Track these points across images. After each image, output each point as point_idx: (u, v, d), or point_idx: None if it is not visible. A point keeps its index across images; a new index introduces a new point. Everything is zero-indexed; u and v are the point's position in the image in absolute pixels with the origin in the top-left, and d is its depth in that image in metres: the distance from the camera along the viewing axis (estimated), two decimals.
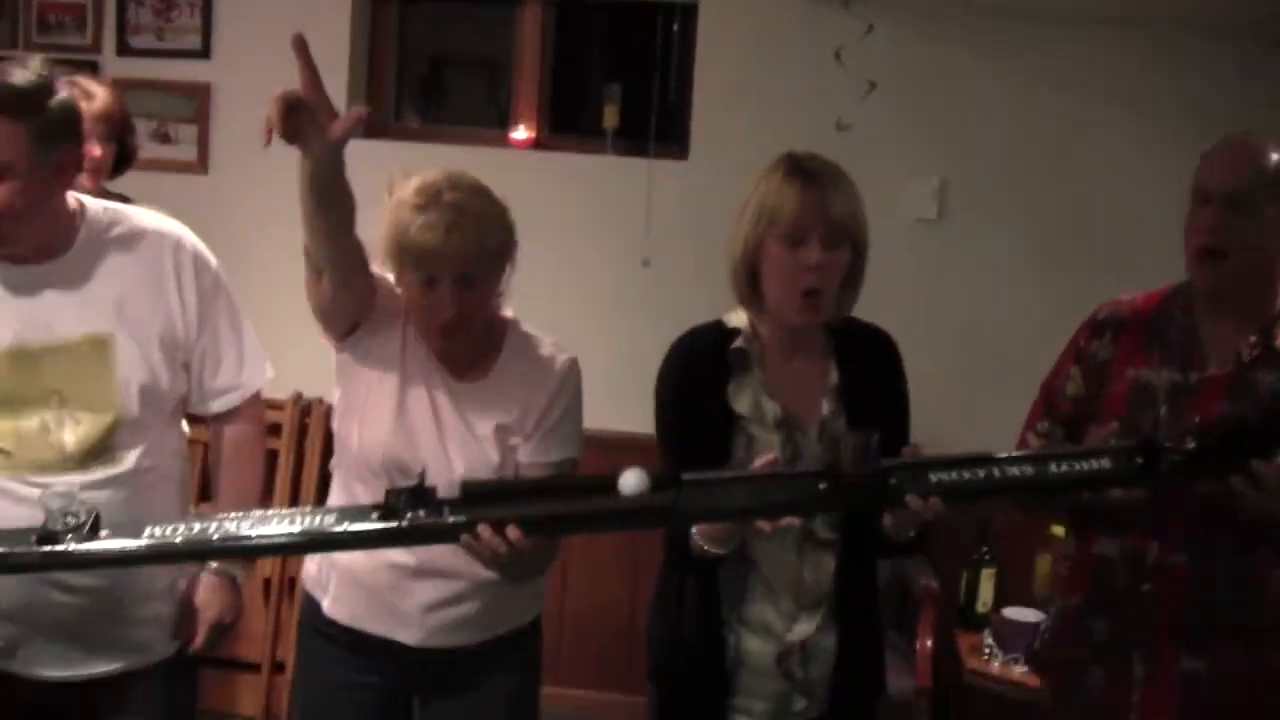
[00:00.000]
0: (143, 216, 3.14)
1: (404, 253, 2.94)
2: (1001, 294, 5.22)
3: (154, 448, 3.08)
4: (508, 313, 3.18)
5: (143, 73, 5.60)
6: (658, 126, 5.35)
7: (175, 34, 5.59)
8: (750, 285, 3.01)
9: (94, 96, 4.11)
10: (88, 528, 2.55)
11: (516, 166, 5.44)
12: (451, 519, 2.54)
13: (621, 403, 5.11)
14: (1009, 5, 4.81)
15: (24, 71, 2.86)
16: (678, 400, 3.05)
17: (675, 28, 5.39)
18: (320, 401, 5.51)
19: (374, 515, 2.54)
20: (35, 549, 2.55)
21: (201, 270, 3.16)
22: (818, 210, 2.91)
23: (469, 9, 5.90)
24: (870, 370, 3.07)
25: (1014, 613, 4.70)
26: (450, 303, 2.93)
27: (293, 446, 5.54)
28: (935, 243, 5.21)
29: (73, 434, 2.97)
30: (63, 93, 2.90)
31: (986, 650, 4.74)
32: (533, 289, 4.88)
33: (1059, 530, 4.68)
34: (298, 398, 5.56)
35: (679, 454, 2.94)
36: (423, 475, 2.60)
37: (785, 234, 2.93)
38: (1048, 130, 5.19)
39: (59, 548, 2.54)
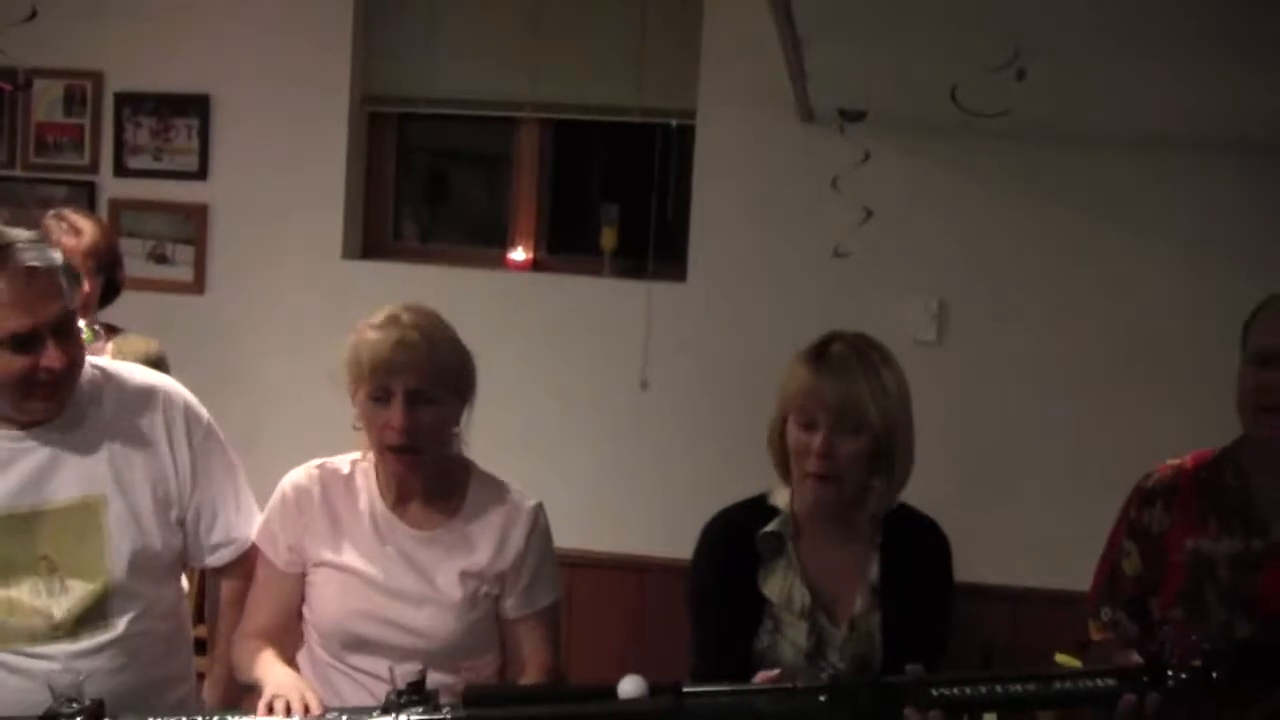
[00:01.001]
0: (133, 372, 3.15)
1: (359, 367, 3.04)
2: (1003, 416, 5.24)
3: (147, 610, 3.05)
4: (472, 458, 3.24)
5: (140, 193, 5.66)
6: (656, 248, 5.37)
7: (172, 155, 5.64)
8: (784, 462, 3.03)
9: (82, 232, 4.20)
10: (90, 715, 2.57)
11: (514, 288, 5.54)
12: (449, 718, 2.56)
13: (619, 525, 5.33)
14: (1004, 130, 4.84)
15: (27, 232, 2.93)
16: (708, 587, 3.05)
17: (673, 149, 5.42)
18: None
19: (374, 714, 2.57)
20: None
21: (193, 424, 3.15)
22: (819, 396, 2.94)
23: (468, 126, 5.91)
24: (914, 564, 3.07)
25: None
26: (401, 416, 3.00)
27: None
28: (935, 366, 5.24)
29: (62, 601, 2.94)
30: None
31: None
32: (531, 411, 5.19)
33: (1064, 658, 4.65)
34: None
35: (705, 639, 3.00)
36: (423, 674, 2.61)
37: (798, 417, 2.96)
38: (1046, 252, 5.22)
39: None
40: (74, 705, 2.54)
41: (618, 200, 5.52)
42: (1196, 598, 2.96)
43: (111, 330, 4.34)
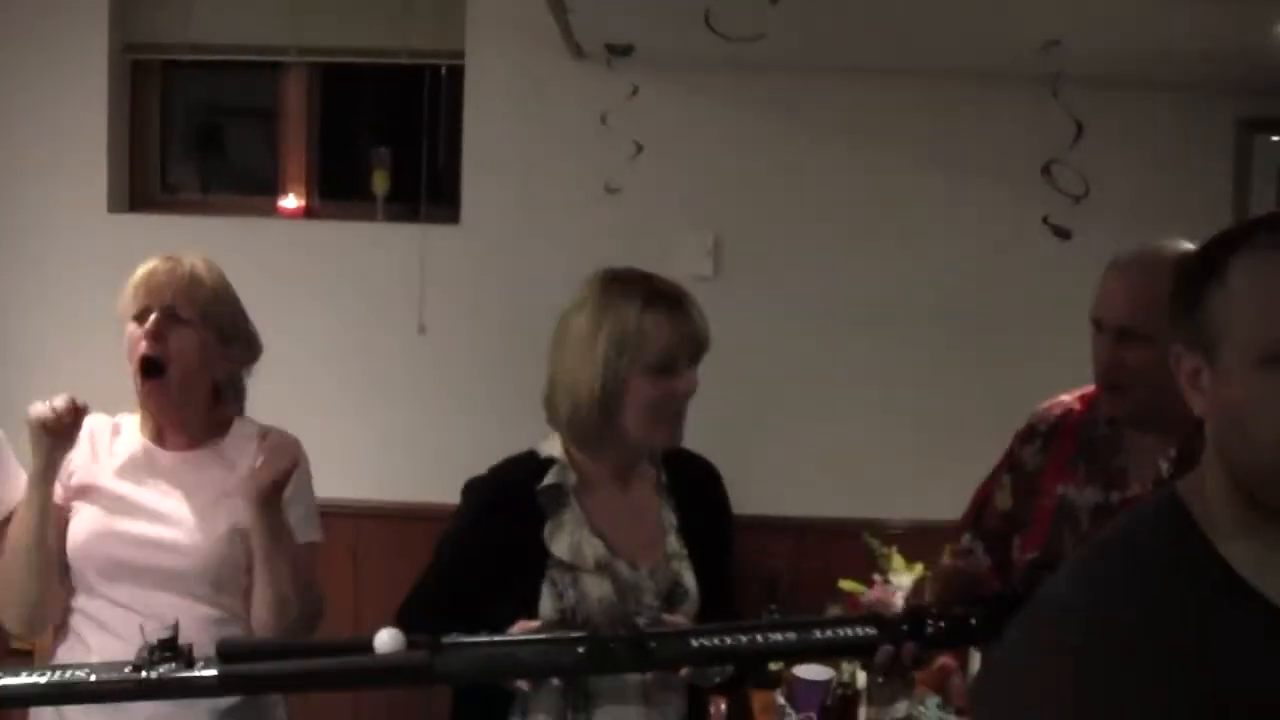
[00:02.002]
0: None
1: (126, 295, 3.15)
2: (781, 351, 5.33)
3: None
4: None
5: None
6: (429, 192, 5.40)
7: None
8: (604, 421, 3.01)
9: None
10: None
11: (287, 236, 5.54)
12: (203, 674, 2.55)
13: (402, 473, 5.34)
14: (774, 61, 4.94)
15: None
16: (482, 543, 3.03)
17: (442, 91, 5.45)
18: None
19: (126, 669, 2.55)
20: None
21: None
22: (690, 335, 3.00)
23: (235, 74, 5.88)
24: (703, 503, 3.16)
25: (805, 670, 4.73)
26: (152, 326, 3.09)
27: None
28: (712, 300, 5.27)
29: None
30: None
31: (779, 709, 4.80)
32: (309, 359, 5.20)
33: (848, 584, 4.78)
34: None
35: (455, 596, 2.98)
36: (175, 629, 2.60)
37: (655, 365, 2.97)
38: (821, 184, 5.33)
39: None
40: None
41: (389, 144, 5.52)
42: (1056, 545, 3.01)
43: None
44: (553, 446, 3.09)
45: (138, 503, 3.16)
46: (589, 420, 3.01)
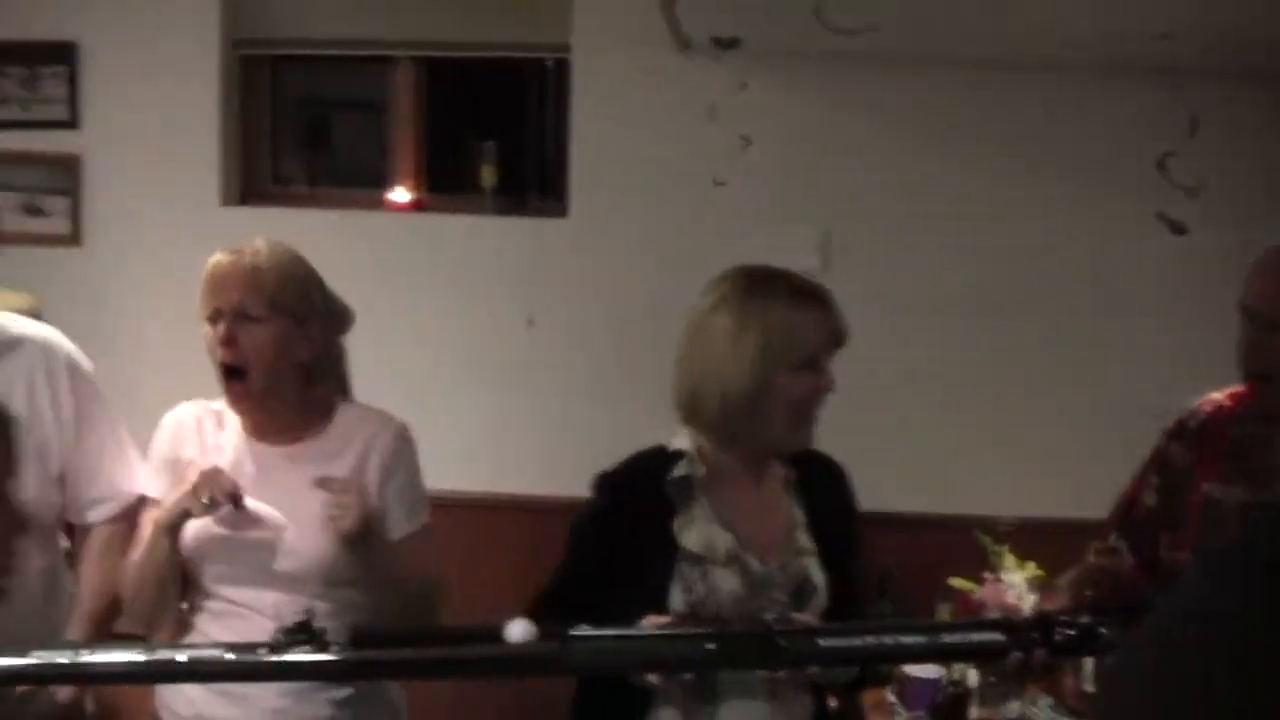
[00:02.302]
0: (11, 323, 3.17)
1: (200, 294, 3.17)
2: (892, 345, 5.29)
3: (27, 563, 3.09)
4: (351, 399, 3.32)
5: (10, 145, 5.60)
6: (537, 185, 5.46)
7: (42, 104, 5.57)
8: (749, 419, 3.00)
9: None
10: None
11: (397, 229, 5.56)
12: (335, 658, 2.59)
13: (509, 466, 5.33)
14: (882, 55, 4.93)
15: None
16: (601, 534, 3.04)
17: (549, 84, 5.50)
18: None
19: (262, 651, 2.60)
20: None
21: (76, 374, 3.19)
22: (838, 332, 3.01)
23: (344, 68, 5.99)
24: (832, 501, 3.15)
25: (917, 668, 4.70)
26: (223, 331, 3.10)
27: None
28: None
29: None
30: None
31: (889, 706, 4.76)
32: (418, 352, 5.19)
33: (960, 582, 4.75)
34: None
35: (588, 588, 2.98)
36: (310, 613, 2.63)
37: (801, 362, 2.98)
38: (928, 178, 5.28)
39: None
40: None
41: (496, 138, 5.55)
42: (1203, 544, 2.95)
43: None
44: (682, 440, 3.08)
45: (249, 505, 3.14)
46: (736, 418, 3.00)
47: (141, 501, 3.28)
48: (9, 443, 2.10)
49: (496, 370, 5.49)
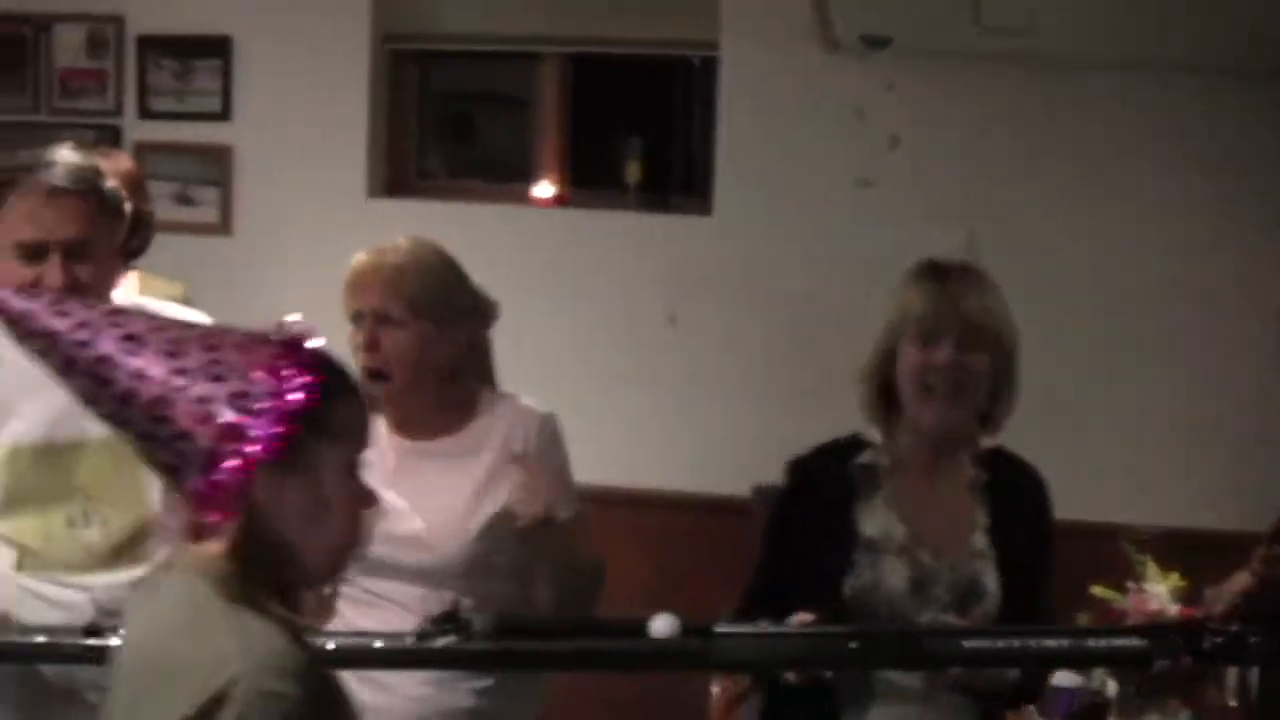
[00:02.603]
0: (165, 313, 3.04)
1: (344, 294, 3.19)
2: (1031, 348, 5.21)
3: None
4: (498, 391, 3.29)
5: (164, 136, 5.72)
6: (681, 182, 5.49)
7: (196, 96, 5.70)
8: (882, 398, 3.04)
9: (117, 161, 4.06)
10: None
11: (540, 224, 5.62)
12: (481, 647, 2.63)
13: (649, 462, 5.40)
14: (1029, 57, 4.91)
15: (72, 153, 2.93)
16: (794, 518, 3.09)
17: (694, 82, 5.53)
18: None
19: (409, 640, 2.66)
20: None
21: None
22: (949, 311, 2.97)
23: (490, 63, 6.07)
24: (1020, 507, 3.10)
25: (1055, 676, 4.65)
26: (363, 335, 3.11)
27: None
28: None
29: (100, 531, 2.99)
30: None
31: (1028, 715, 4.72)
32: (558, 348, 5.32)
33: (1103, 591, 4.69)
34: None
35: (776, 570, 3.03)
36: (457, 604, 2.66)
37: (918, 334, 2.97)
38: (1079, 181, 5.23)
39: None
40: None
41: (641, 134, 5.57)
42: None
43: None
44: (874, 434, 3.10)
45: (389, 499, 3.05)
46: (870, 389, 3.05)
47: None
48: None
49: (637, 367, 5.48)
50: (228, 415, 1.89)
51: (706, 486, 5.17)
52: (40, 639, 2.79)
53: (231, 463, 1.88)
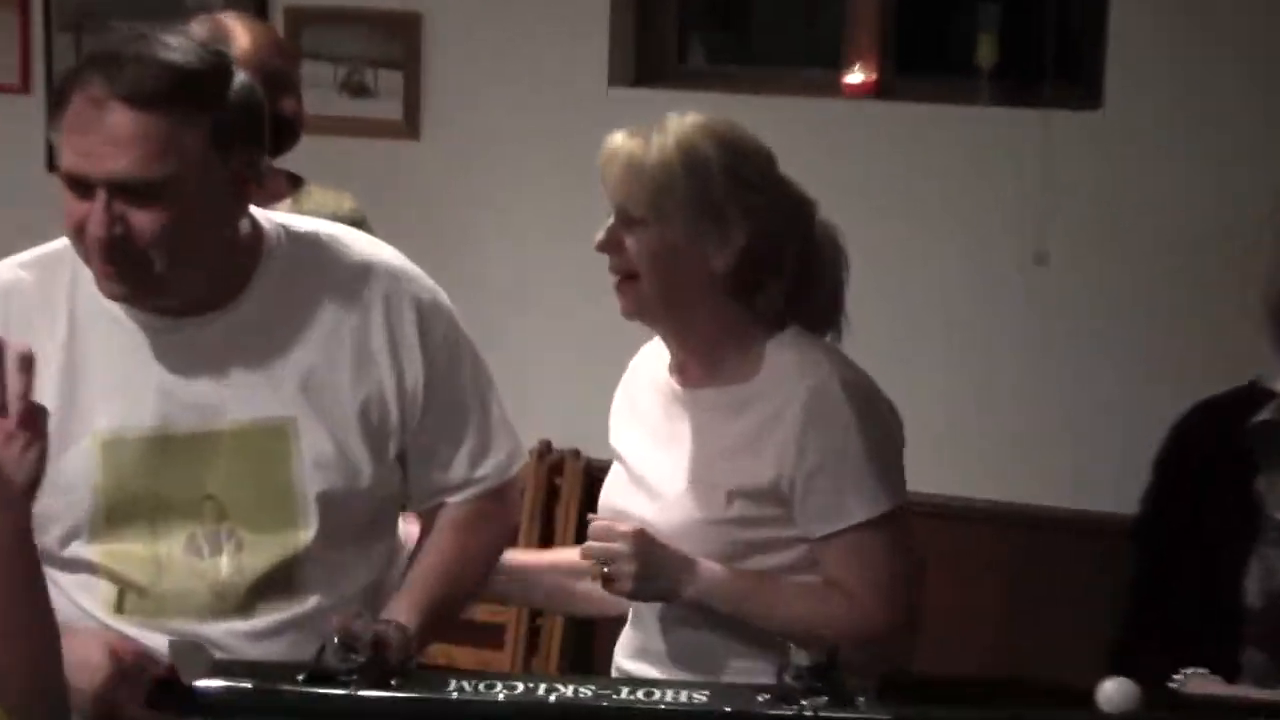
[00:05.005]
0: (343, 240, 2.88)
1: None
2: None
3: (349, 578, 2.77)
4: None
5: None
6: (1055, 62, 4.84)
7: None
8: None
9: (235, 42, 3.83)
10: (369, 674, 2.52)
11: (850, 121, 5.02)
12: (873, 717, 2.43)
13: (1000, 463, 4.87)
14: None
15: (182, 43, 2.58)
16: (1172, 495, 2.97)
17: None
18: (576, 455, 5.12)
19: (761, 697, 2.45)
20: None
21: (429, 319, 2.85)
22: None
23: None
24: None
25: None
26: (602, 236, 3.01)
27: (537, 517, 5.12)
28: None
29: (232, 562, 2.68)
30: (240, 74, 2.62)
31: None
32: (876, 295, 4.60)
33: None
34: (544, 450, 5.12)
35: (1157, 571, 2.94)
36: (833, 652, 2.41)
37: None
38: None
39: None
40: (352, 656, 2.44)
41: None
42: None
43: (293, 181, 4.00)
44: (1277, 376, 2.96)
45: (632, 465, 3.07)
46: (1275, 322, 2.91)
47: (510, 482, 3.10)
48: None
49: (987, 325, 4.92)
50: None
51: (1084, 499, 4.73)
52: None
53: None
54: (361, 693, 2.43)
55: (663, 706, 2.49)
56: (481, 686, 2.52)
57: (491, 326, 3.53)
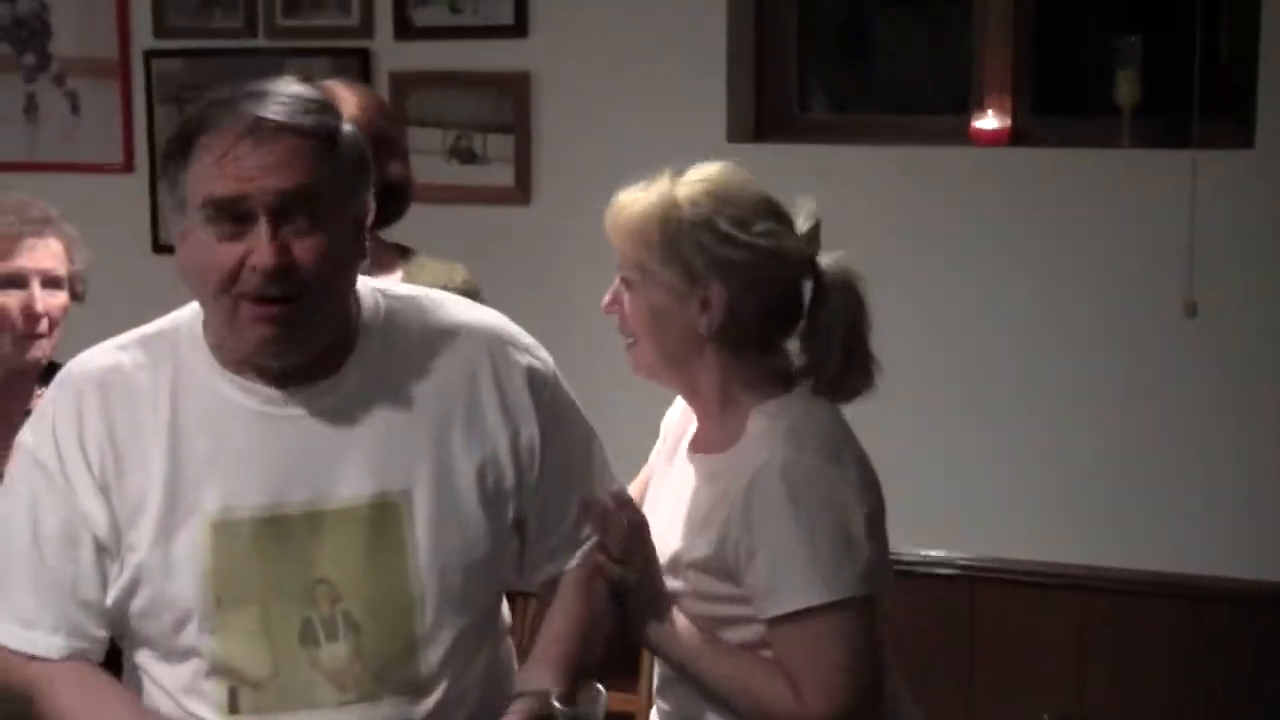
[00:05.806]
0: (444, 306, 2.88)
1: None
2: None
3: (469, 653, 2.73)
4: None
5: (433, 62, 5.18)
6: (1202, 101, 4.59)
7: (477, 6, 5.13)
8: None
9: (343, 103, 3.72)
10: None
11: (983, 170, 4.88)
12: None
13: (1144, 530, 4.70)
14: None
15: (296, 84, 2.61)
16: None
17: None
18: None
19: None
20: None
21: (538, 381, 2.86)
22: None
23: None
24: None
25: None
26: (608, 302, 3.07)
27: None
28: None
29: (349, 651, 2.62)
30: (347, 123, 2.64)
31: None
32: (1009, 348, 4.81)
33: None
34: None
35: None
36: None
37: None
38: None
39: None
40: None
41: (1138, 31, 4.79)
42: None
43: (402, 252, 3.98)
44: None
45: (649, 508, 3.05)
46: None
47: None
48: None
49: (1133, 383, 4.75)
50: None
51: (1237, 566, 4.63)
52: None
53: None
54: None
55: None
56: None
57: (602, 397, 3.41)
